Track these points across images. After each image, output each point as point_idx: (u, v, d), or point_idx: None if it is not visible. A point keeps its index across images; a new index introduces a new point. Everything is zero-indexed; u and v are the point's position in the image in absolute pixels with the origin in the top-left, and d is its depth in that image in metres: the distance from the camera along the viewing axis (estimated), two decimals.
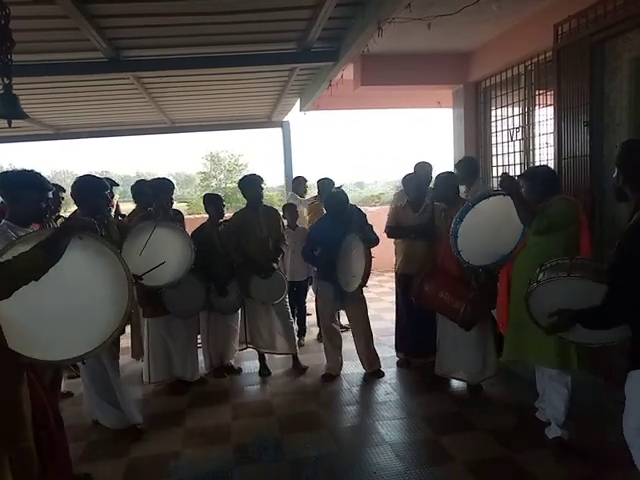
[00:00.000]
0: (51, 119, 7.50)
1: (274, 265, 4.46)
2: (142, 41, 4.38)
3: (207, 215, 4.56)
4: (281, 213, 5.01)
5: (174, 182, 4.41)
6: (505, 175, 3.20)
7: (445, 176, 4.03)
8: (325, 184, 5.55)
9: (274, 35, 4.54)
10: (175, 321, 4.19)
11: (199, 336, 4.62)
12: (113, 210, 5.39)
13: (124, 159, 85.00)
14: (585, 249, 2.96)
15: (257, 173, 4.55)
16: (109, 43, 4.22)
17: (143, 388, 4.30)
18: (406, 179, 4.45)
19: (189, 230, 4.50)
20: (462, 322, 3.68)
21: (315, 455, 3.13)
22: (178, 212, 4.65)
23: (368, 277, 4.01)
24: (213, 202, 4.51)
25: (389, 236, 4.49)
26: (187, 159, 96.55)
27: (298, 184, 6.47)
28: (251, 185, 4.45)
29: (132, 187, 4.64)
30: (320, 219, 4.62)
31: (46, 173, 2.75)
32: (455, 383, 4.15)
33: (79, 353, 2.24)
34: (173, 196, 4.27)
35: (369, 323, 4.46)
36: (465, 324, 3.69)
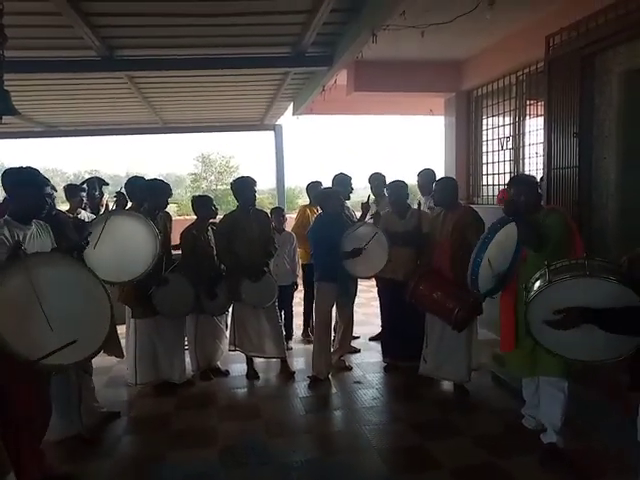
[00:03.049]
0: (42, 116, 7.43)
1: (264, 268, 4.45)
2: (136, 40, 4.37)
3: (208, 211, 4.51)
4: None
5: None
6: (509, 201, 3.02)
7: (444, 181, 4.10)
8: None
9: (269, 38, 4.55)
10: (163, 322, 4.17)
11: (186, 338, 4.60)
12: (103, 210, 5.35)
13: (114, 158, 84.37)
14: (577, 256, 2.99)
15: (250, 175, 4.52)
16: (103, 42, 4.20)
17: (128, 390, 4.26)
18: (389, 186, 4.58)
19: (178, 231, 4.50)
20: (455, 323, 3.73)
21: (301, 460, 3.13)
22: (166, 213, 4.61)
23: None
24: (205, 203, 4.50)
25: None
26: (178, 160, 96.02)
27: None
28: (244, 187, 4.42)
29: (125, 185, 4.55)
30: (318, 219, 4.62)
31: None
32: (441, 388, 4.18)
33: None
34: (166, 200, 4.24)
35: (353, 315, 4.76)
36: (458, 325, 3.74)
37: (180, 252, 4.43)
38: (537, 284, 2.31)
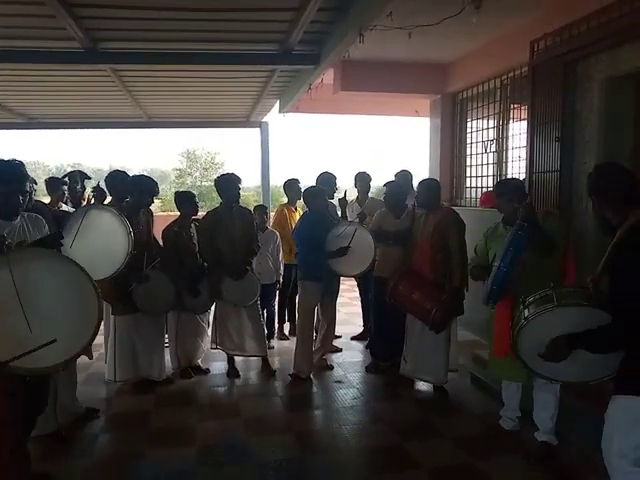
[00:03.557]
0: (22, 108, 7.30)
1: (247, 267, 4.42)
2: (120, 33, 4.31)
3: (190, 207, 4.45)
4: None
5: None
6: (529, 206, 2.93)
7: (427, 182, 4.13)
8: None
9: (256, 35, 4.52)
10: (143, 319, 4.13)
11: (167, 335, 4.56)
12: (84, 204, 5.26)
13: (97, 152, 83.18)
14: (570, 265, 3.04)
15: (235, 173, 4.49)
16: (86, 33, 4.13)
17: (107, 387, 4.21)
18: (387, 186, 4.55)
19: (161, 228, 4.45)
20: (433, 324, 3.76)
21: (280, 459, 3.12)
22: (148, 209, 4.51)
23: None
24: (187, 200, 4.46)
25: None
26: (163, 155, 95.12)
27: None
28: (228, 184, 4.40)
29: (106, 178, 4.43)
30: (303, 218, 4.61)
31: None
32: (421, 388, 4.21)
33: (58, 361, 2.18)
34: (150, 198, 4.15)
35: (335, 314, 4.74)
36: (435, 325, 3.77)
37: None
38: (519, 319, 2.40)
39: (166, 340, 4.59)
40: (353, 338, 5.62)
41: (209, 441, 3.36)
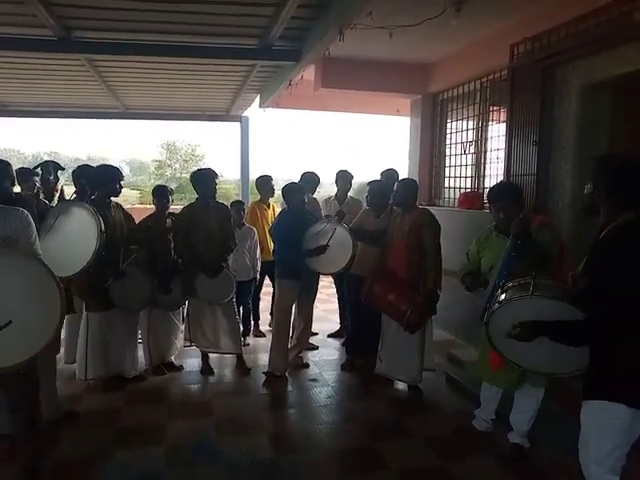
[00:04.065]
0: None
1: (222, 264, 4.37)
2: (95, 22, 4.20)
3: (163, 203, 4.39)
4: None
5: (126, 169, 4.22)
6: (522, 221, 2.86)
7: (405, 182, 4.12)
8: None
9: (235, 29, 4.46)
10: (117, 316, 4.05)
11: (140, 331, 4.49)
12: (57, 195, 5.13)
13: (75, 141, 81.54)
14: (566, 269, 3.02)
15: (212, 167, 4.45)
16: (58, 21, 4.01)
17: (76, 384, 4.09)
18: (370, 184, 4.52)
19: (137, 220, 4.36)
20: (407, 324, 3.77)
21: (251, 459, 3.10)
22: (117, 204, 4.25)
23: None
24: (160, 194, 4.39)
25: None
26: (142, 146, 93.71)
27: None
28: (204, 180, 4.32)
29: (73, 172, 4.31)
30: (281, 215, 4.57)
31: None
32: (396, 387, 4.22)
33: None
34: (117, 186, 3.98)
35: (312, 312, 4.74)
36: (410, 326, 3.78)
37: None
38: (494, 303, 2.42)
39: (139, 336, 4.52)
40: (330, 335, 5.61)
41: (179, 441, 3.31)
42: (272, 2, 3.77)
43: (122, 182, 4.02)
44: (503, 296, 2.39)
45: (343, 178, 5.35)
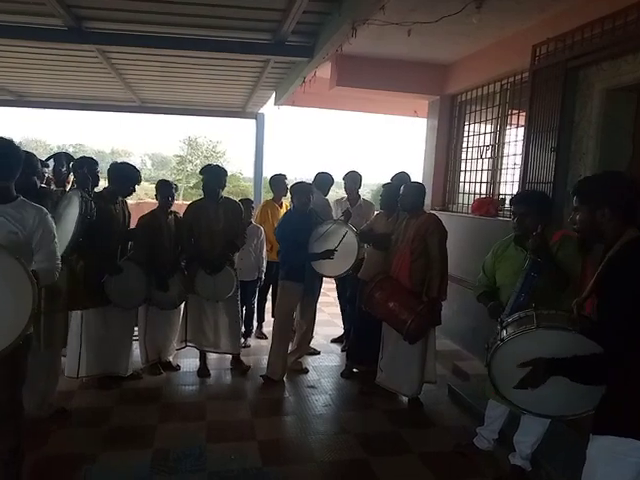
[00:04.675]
0: (10, 84, 7.09)
1: (225, 261, 4.25)
2: (106, 13, 4.11)
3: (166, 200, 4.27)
4: None
5: (148, 163, 4.16)
6: (538, 236, 2.61)
7: (412, 186, 3.98)
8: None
9: (248, 23, 4.33)
10: (113, 312, 3.97)
11: (136, 328, 4.41)
12: (69, 187, 5.11)
13: (100, 134, 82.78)
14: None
15: (220, 165, 4.43)
16: (68, 10, 3.94)
17: (70, 381, 3.98)
18: (384, 187, 4.46)
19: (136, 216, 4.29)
20: (407, 334, 3.62)
21: (237, 468, 2.98)
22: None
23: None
24: (162, 190, 4.29)
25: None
26: (165, 140, 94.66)
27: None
28: (209, 176, 4.28)
29: (73, 164, 4.30)
30: (286, 215, 4.46)
31: (16, 140, 2.41)
32: (395, 399, 4.05)
33: None
34: (131, 187, 3.97)
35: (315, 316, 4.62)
36: (410, 337, 3.63)
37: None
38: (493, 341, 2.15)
39: (136, 333, 4.45)
40: (333, 340, 5.49)
41: (166, 444, 3.21)
42: None
43: (137, 185, 4.01)
44: (504, 332, 2.13)
45: (351, 179, 5.23)
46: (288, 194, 5.74)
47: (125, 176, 3.95)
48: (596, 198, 1.85)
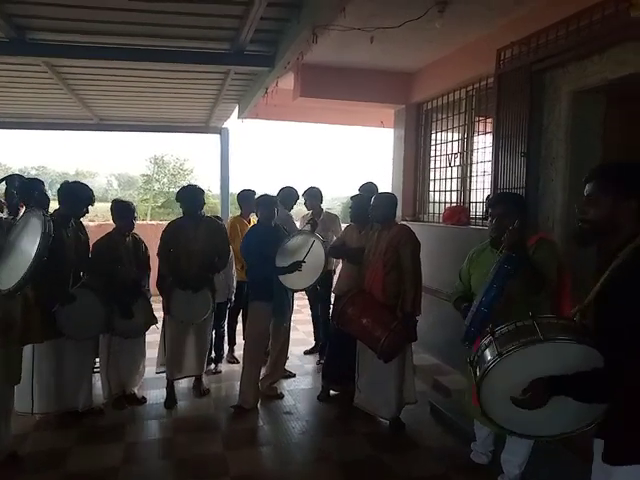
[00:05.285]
0: None
1: (205, 282, 4.09)
2: (52, 23, 3.84)
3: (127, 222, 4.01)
4: None
5: (114, 183, 3.93)
6: (515, 232, 2.44)
7: (383, 196, 3.85)
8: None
9: (204, 31, 4.14)
10: (67, 344, 3.67)
11: (97, 359, 4.10)
12: (22, 210, 4.79)
13: (62, 155, 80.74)
14: (566, 302, 2.70)
15: (197, 184, 4.35)
16: (8, 20, 3.67)
17: (24, 419, 3.66)
18: (353, 199, 4.34)
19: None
20: (381, 352, 3.45)
21: None
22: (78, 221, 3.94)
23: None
24: (123, 212, 4.01)
25: (329, 254, 4.24)
26: (131, 159, 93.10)
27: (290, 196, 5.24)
28: (186, 197, 4.16)
29: (21, 185, 3.96)
30: (252, 230, 4.25)
31: None
32: (376, 420, 3.83)
33: None
34: (85, 208, 3.77)
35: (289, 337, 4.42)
36: (385, 355, 3.45)
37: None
38: (486, 356, 1.83)
39: (97, 365, 4.14)
40: (306, 352, 5.42)
41: None
42: (240, 0, 3.47)
43: (90, 205, 3.81)
44: (494, 347, 1.79)
45: (311, 196, 5.16)
46: None
47: (76, 196, 3.71)
48: (627, 187, 1.62)
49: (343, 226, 4.97)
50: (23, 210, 4.75)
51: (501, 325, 1.85)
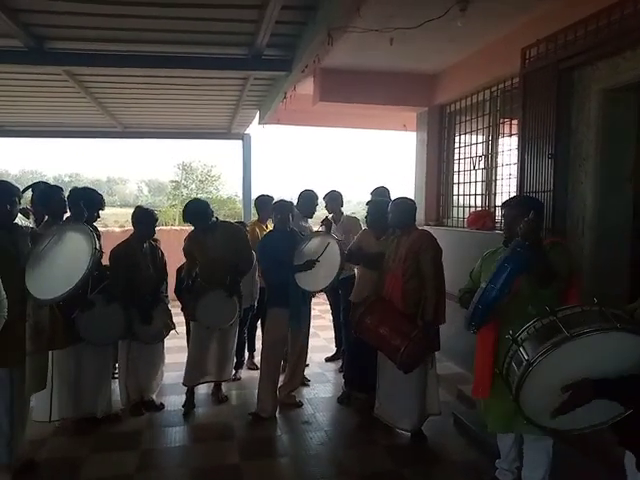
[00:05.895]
0: None
1: (230, 288, 4.05)
2: (69, 31, 3.90)
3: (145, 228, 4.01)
4: None
5: (145, 190, 3.99)
6: (532, 223, 2.32)
7: (400, 201, 3.72)
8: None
9: (221, 37, 4.13)
10: (88, 350, 3.68)
11: (117, 365, 4.10)
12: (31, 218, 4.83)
13: (95, 162, 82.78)
14: (572, 296, 2.55)
15: (199, 198, 4.50)
16: (26, 29, 3.71)
17: (42, 426, 3.66)
18: (369, 204, 4.27)
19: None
20: (401, 363, 3.31)
21: None
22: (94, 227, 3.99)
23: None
24: (142, 218, 4.01)
25: (346, 260, 4.12)
26: (161, 166, 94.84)
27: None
28: (192, 218, 4.09)
29: (34, 190, 3.95)
30: (267, 235, 4.21)
31: (14, 173, 2.26)
32: (397, 432, 3.69)
33: None
34: (95, 214, 3.81)
35: (307, 344, 4.31)
36: (404, 365, 3.32)
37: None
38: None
39: (116, 371, 4.14)
40: (327, 359, 5.32)
41: None
42: (254, 4, 3.43)
43: (101, 210, 3.90)
44: (524, 352, 1.74)
45: (332, 199, 5.11)
46: None
47: (87, 202, 3.68)
48: None
49: None
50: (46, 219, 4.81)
51: (519, 330, 1.83)
